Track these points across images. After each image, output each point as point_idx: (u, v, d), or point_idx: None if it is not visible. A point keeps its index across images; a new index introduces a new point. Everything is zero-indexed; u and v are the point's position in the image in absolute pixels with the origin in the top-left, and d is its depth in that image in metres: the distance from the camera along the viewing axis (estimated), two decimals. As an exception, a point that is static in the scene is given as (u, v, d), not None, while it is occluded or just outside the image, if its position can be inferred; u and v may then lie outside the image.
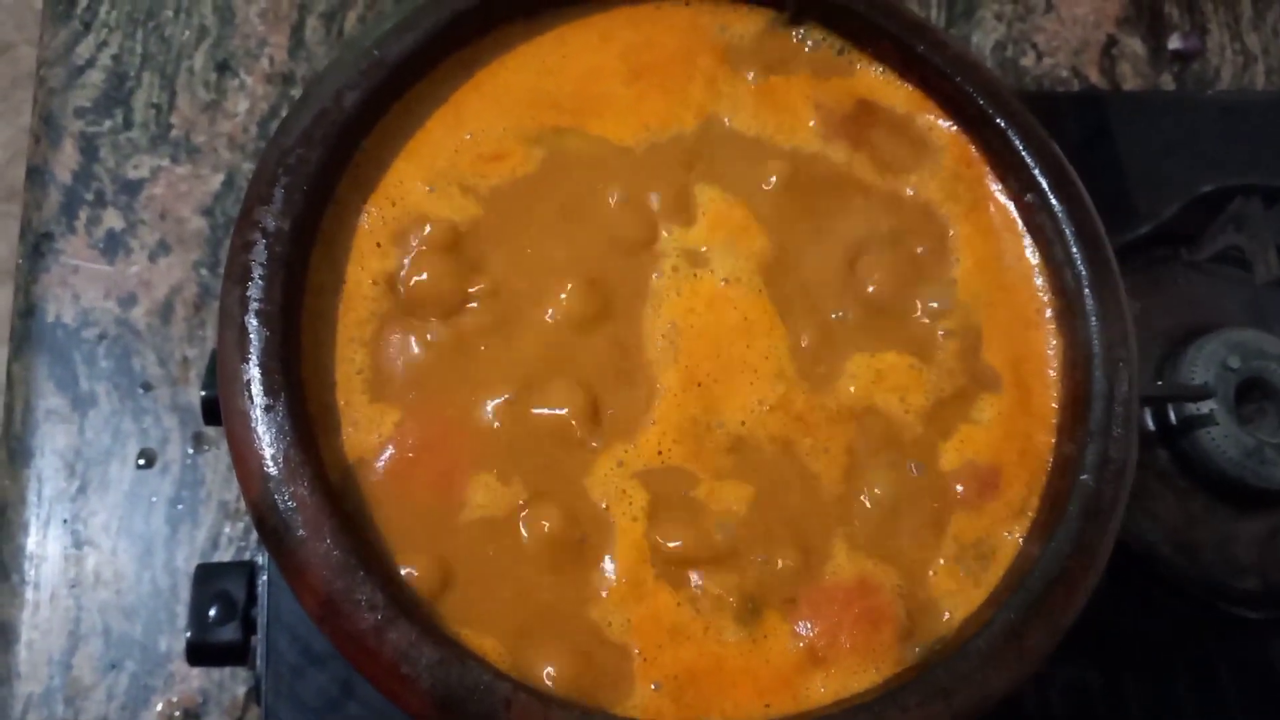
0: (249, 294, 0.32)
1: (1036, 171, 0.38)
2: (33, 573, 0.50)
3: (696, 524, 0.34)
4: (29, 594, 0.49)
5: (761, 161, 0.40)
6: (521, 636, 0.32)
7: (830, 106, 0.41)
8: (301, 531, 0.30)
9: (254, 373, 0.31)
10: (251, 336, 0.31)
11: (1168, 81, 0.65)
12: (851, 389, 0.37)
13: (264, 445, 0.31)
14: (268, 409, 0.31)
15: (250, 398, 0.31)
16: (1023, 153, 0.38)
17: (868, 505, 0.35)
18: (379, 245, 0.36)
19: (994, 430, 0.37)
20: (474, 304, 0.35)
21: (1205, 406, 0.49)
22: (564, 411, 0.35)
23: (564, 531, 0.34)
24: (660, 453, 0.35)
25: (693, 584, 0.33)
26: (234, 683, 0.49)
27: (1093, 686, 0.49)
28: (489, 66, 0.39)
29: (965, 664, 0.31)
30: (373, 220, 0.36)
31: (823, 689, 0.33)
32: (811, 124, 0.40)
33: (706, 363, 0.36)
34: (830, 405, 0.36)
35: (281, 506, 0.30)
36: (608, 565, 0.33)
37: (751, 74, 0.40)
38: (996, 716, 0.32)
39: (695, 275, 0.37)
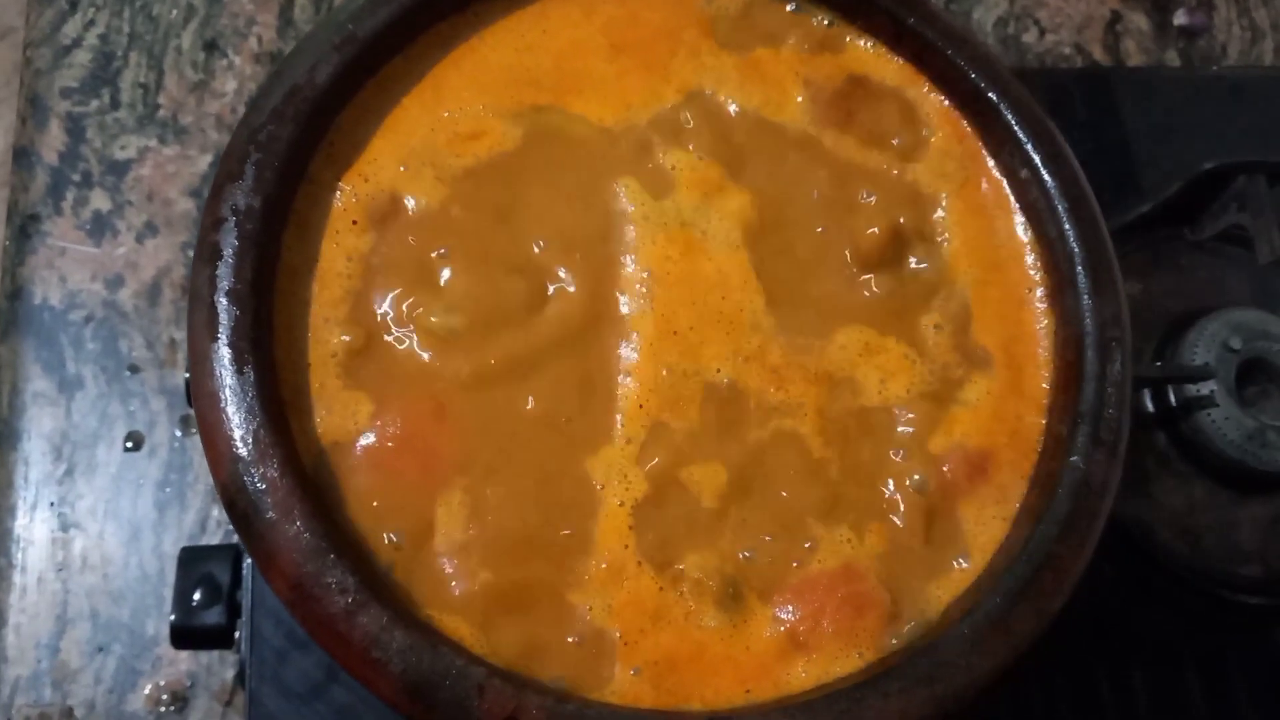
0: (218, 273, 0.31)
1: (1030, 147, 0.37)
2: (20, 556, 0.49)
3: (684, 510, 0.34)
4: (16, 577, 0.49)
5: (746, 132, 0.39)
6: (499, 620, 0.31)
7: (819, 81, 0.40)
8: (271, 514, 0.29)
9: (223, 353, 0.30)
10: (221, 316, 0.31)
11: (1173, 58, 0.64)
12: (832, 363, 0.36)
13: (233, 426, 0.30)
14: (237, 390, 0.30)
15: (219, 378, 0.30)
16: (1016, 128, 0.37)
17: (849, 484, 0.35)
18: (355, 223, 0.35)
19: (984, 412, 0.36)
20: (449, 284, 0.35)
21: (1206, 388, 0.48)
22: (548, 394, 0.34)
23: (548, 515, 0.33)
24: (641, 406, 0.34)
25: (674, 568, 0.33)
26: (222, 666, 0.49)
27: (1097, 676, 0.48)
28: (468, 42, 0.38)
29: (949, 650, 0.31)
30: (347, 198, 0.35)
31: (804, 674, 0.32)
32: (799, 99, 0.39)
33: (683, 311, 0.36)
34: (810, 367, 0.36)
35: (251, 489, 0.30)
36: (591, 549, 0.33)
37: (736, 47, 0.40)
38: (999, 707, 0.31)
39: (665, 227, 0.37)
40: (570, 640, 0.32)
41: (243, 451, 0.30)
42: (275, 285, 0.33)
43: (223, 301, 0.31)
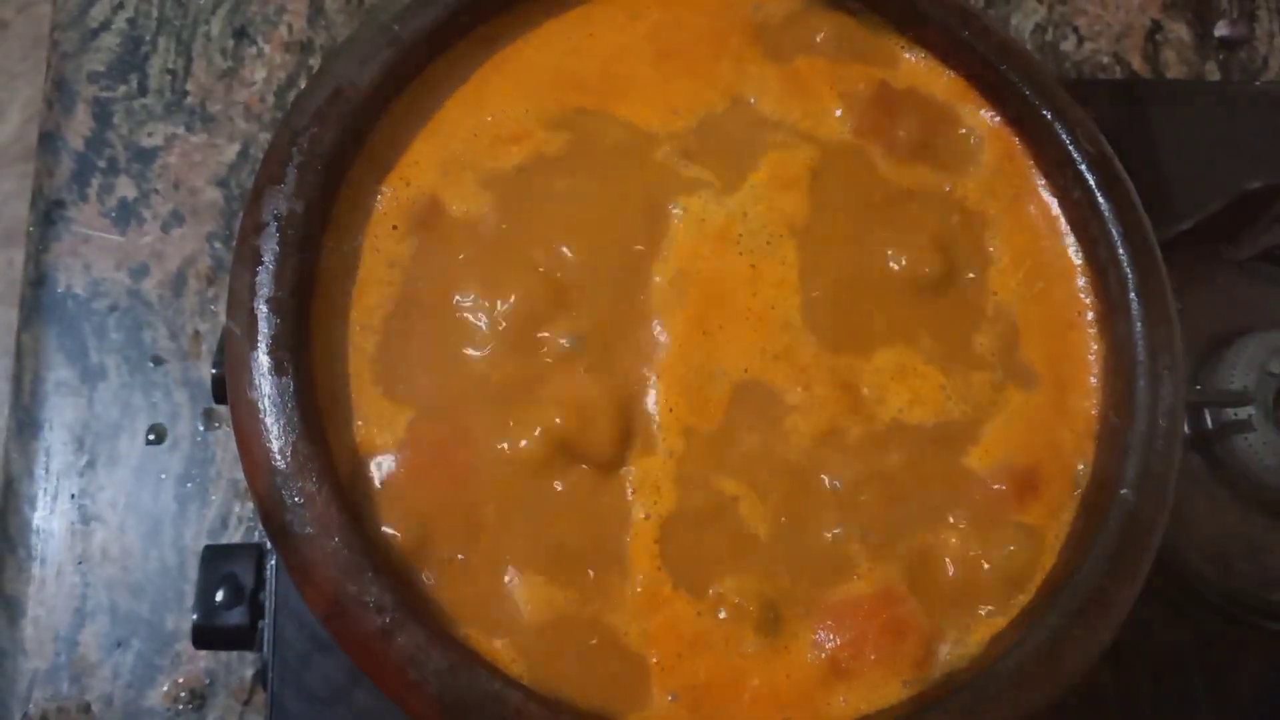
0: (259, 279, 0.30)
1: (1083, 168, 0.36)
2: (40, 548, 0.49)
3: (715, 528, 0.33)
4: (35, 569, 0.49)
5: (788, 142, 0.38)
6: (535, 641, 0.31)
7: (861, 92, 0.39)
8: (309, 528, 0.29)
9: (263, 361, 0.30)
10: (261, 324, 0.30)
11: (1213, 70, 0.63)
12: (866, 375, 0.35)
13: (272, 438, 0.29)
14: (276, 399, 0.30)
15: (258, 387, 0.30)
16: (1070, 148, 0.37)
17: (888, 501, 0.34)
18: (395, 228, 0.34)
19: (1030, 432, 0.36)
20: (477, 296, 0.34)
21: (1243, 412, 0.47)
22: (579, 402, 0.34)
23: (581, 532, 0.32)
24: (671, 410, 0.34)
25: (712, 592, 0.32)
26: (241, 665, 0.49)
27: (1107, 691, 0.47)
28: (512, 44, 0.37)
29: (994, 685, 0.30)
30: (387, 202, 0.34)
31: (844, 703, 0.32)
32: (839, 111, 0.38)
33: (712, 310, 0.35)
34: (840, 376, 0.35)
35: (289, 502, 0.29)
36: (626, 569, 0.32)
37: (780, 56, 0.39)
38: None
39: (703, 232, 0.36)
40: (607, 664, 0.31)
41: (281, 463, 0.29)
42: (315, 291, 0.32)
43: (263, 309, 0.30)
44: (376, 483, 0.32)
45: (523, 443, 0.32)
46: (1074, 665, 0.30)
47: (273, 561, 0.42)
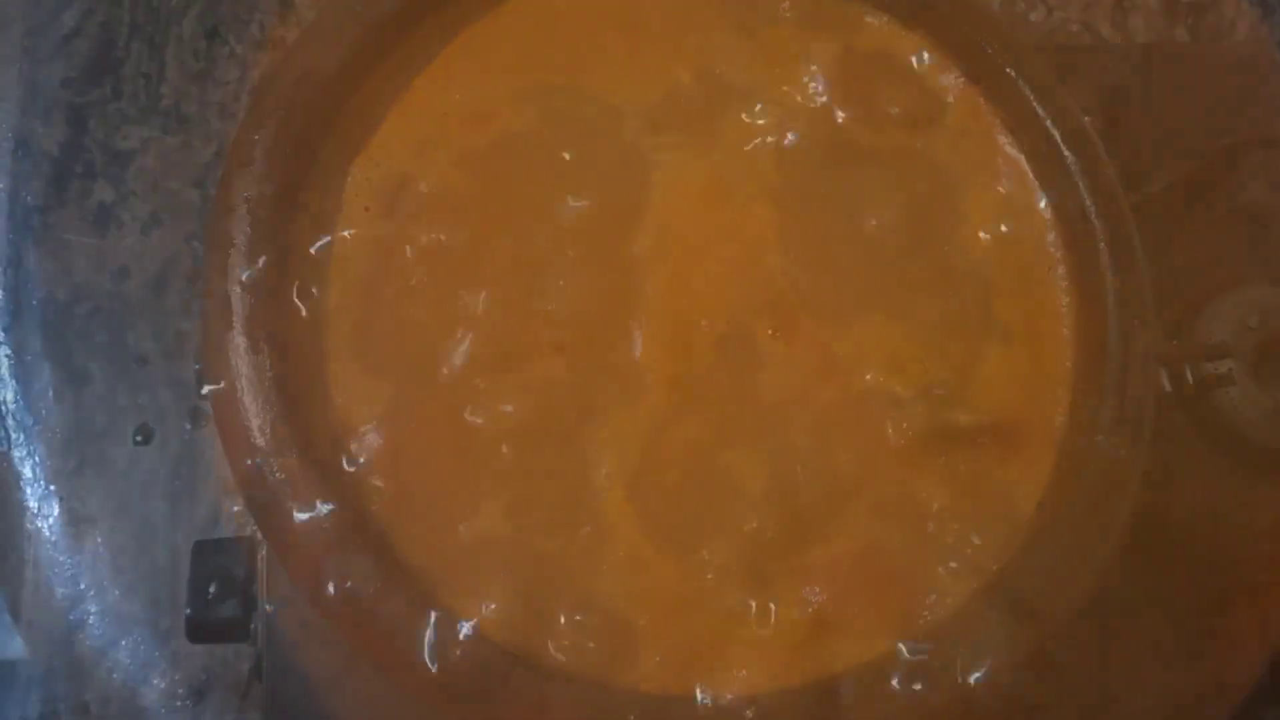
0: (230, 261, 0.31)
1: (1048, 123, 0.37)
2: (31, 552, 0.49)
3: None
4: (28, 574, 0.49)
5: (758, 111, 0.38)
6: (523, 609, 0.31)
7: (829, 59, 0.39)
8: (290, 504, 0.29)
9: (238, 342, 0.30)
10: (235, 305, 0.30)
11: (1182, 34, 0.63)
12: (844, 337, 0.36)
13: (250, 416, 0.30)
14: (253, 379, 0.30)
15: (234, 368, 0.30)
16: (1034, 103, 0.37)
17: (870, 457, 0.34)
18: (367, 209, 0.34)
19: (1006, 385, 0.36)
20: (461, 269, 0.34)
21: (1223, 366, 0.47)
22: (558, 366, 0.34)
23: (568, 498, 0.33)
24: (654, 361, 0.34)
25: (700, 553, 0.32)
26: (237, 660, 0.49)
27: (1095, 644, 0.47)
28: (481, 21, 0.37)
29: (973, 634, 0.30)
30: (358, 183, 0.35)
31: (831, 657, 0.32)
32: (806, 79, 0.39)
33: (695, 265, 0.35)
34: (821, 335, 0.35)
35: (269, 479, 0.29)
36: (609, 533, 0.32)
37: (747, 27, 0.39)
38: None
39: (682, 182, 0.36)
40: (594, 628, 0.31)
41: (260, 442, 0.30)
42: (288, 271, 0.32)
43: (236, 290, 0.31)
44: (358, 457, 0.32)
45: (505, 408, 0.33)
46: (1055, 614, 0.31)
47: (264, 553, 0.42)
